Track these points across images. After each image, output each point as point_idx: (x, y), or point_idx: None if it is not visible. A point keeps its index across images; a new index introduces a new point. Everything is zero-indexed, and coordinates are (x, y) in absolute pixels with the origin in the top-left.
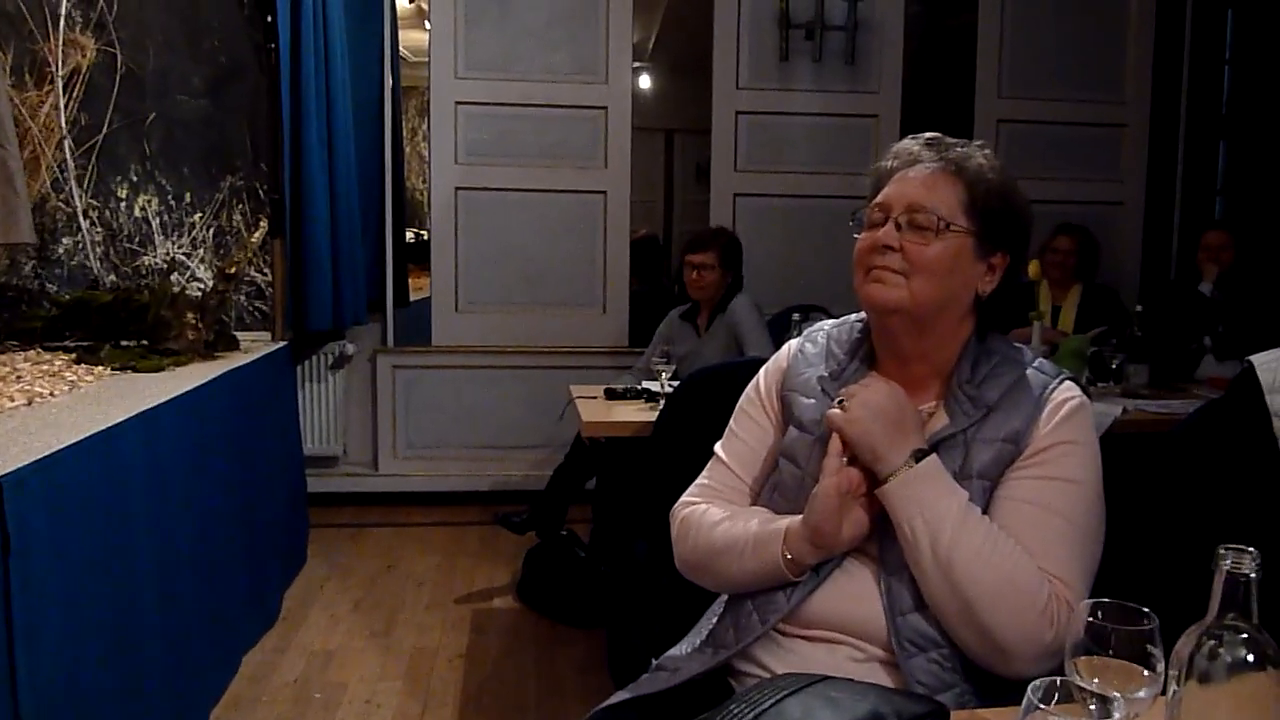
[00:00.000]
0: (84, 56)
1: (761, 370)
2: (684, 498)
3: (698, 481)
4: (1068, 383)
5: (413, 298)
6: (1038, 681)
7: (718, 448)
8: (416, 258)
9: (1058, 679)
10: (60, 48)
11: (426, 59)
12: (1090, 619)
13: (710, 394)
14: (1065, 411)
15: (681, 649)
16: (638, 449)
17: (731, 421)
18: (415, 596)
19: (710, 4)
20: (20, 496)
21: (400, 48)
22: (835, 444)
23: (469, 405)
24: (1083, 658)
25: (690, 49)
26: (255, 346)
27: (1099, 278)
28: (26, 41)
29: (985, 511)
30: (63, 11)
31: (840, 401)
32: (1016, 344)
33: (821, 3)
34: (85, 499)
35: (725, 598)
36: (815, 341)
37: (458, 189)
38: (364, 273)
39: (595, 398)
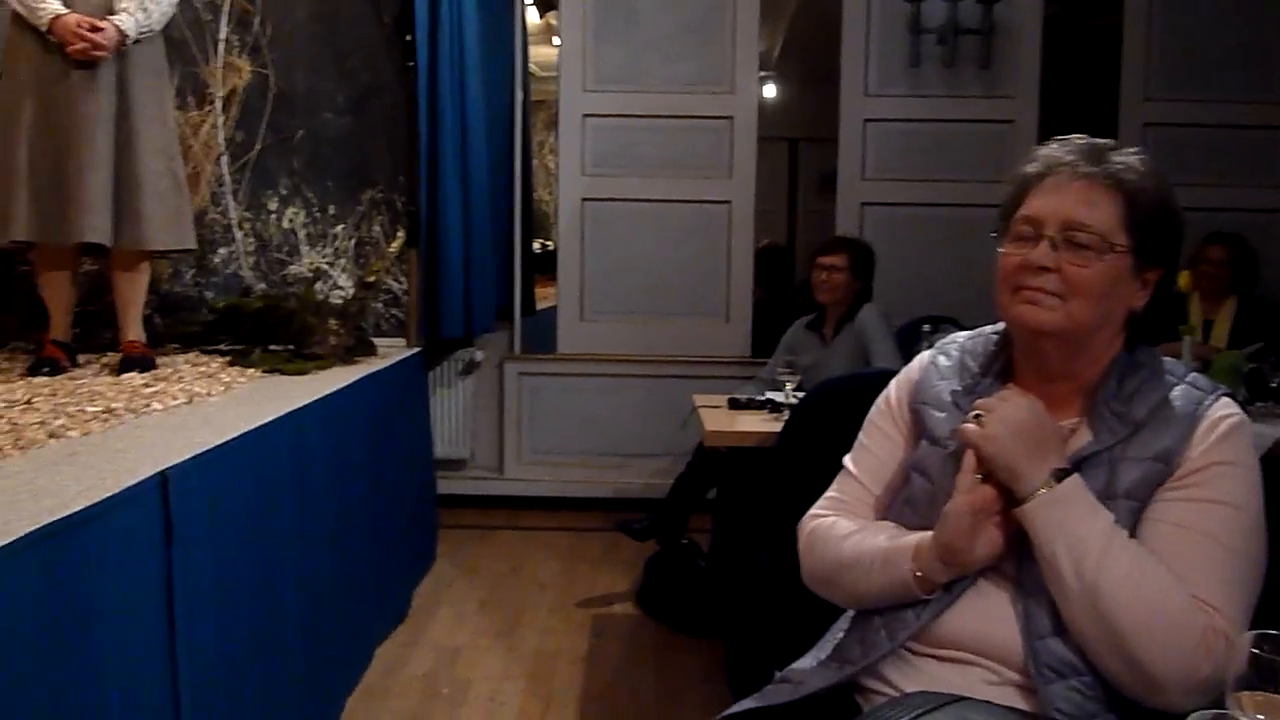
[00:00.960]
0: (240, 78)
1: (892, 382)
2: (812, 510)
3: (826, 494)
4: (1225, 399)
5: (539, 307)
6: (1198, 716)
7: (847, 460)
8: (542, 268)
9: (1217, 712)
10: (220, 71)
11: (554, 73)
12: (1255, 651)
13: (837, 406)
14: (1223, 430)
15: (806, 662)
16: (760, 459)
17: (861, 434)
18: (538, 599)
19: (838, 11)
20: (183, 488)
21: (529, 63)
22: (970, 460)
23: (592, 413)
24: (1245, 692)
25: (816, 57)
26: (391, 352)
27: (1257, 290)
28: (190, 65)
29: (1133, 535)
30: (222, 37)
31: (976, 416)
32: (1168, 358)
33: (955, 6)
34: (237, 492)
35: (852, 613)
36: (948, 354)
37: (584, 200)
38: (493, 282)
39: (718, 407)
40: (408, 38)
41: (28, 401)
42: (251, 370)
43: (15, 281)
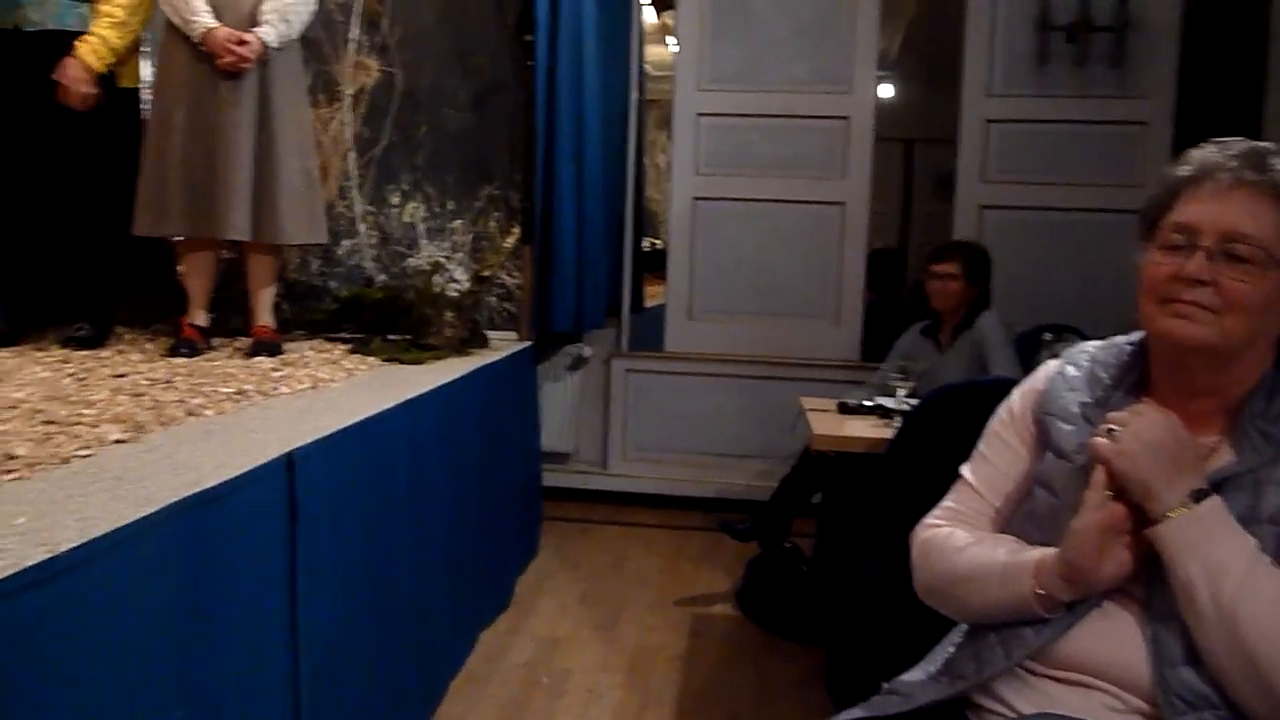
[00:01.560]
0: (369, 77)
1: (1015, 391)
2: (926, 520)
3: (941, 504)
4: None
5: (647, 305)
6: None
7: (964, 470)
8: (650, 266)
9: None
10: (349, 70)
11: (667, 72)
12: None
13: (953, 414)
14: None
15: (915, 675)
16: (869, 465)
17: (980, 444)
18: (638, 595)
19: (961, 9)
20: (308, 469)
21: (645, 62)
22: (1100, 476)
23: (697, 412)
24: None
25: (936, 56)
26: (503, 345)
27: None
28: (323, 64)
29: (1277, 562)
30: (353, 37)
31: (1109, 430)
32: None
33: (1087, 2)
34: (356, 475)
35: (965, 626)
36: (1078, 364)
37: (696, 199)
38: (604, 279)
39: (827, 411)
40: (528, 38)
41: (168, 381)
42: (371, 358)
43: (161, 268)
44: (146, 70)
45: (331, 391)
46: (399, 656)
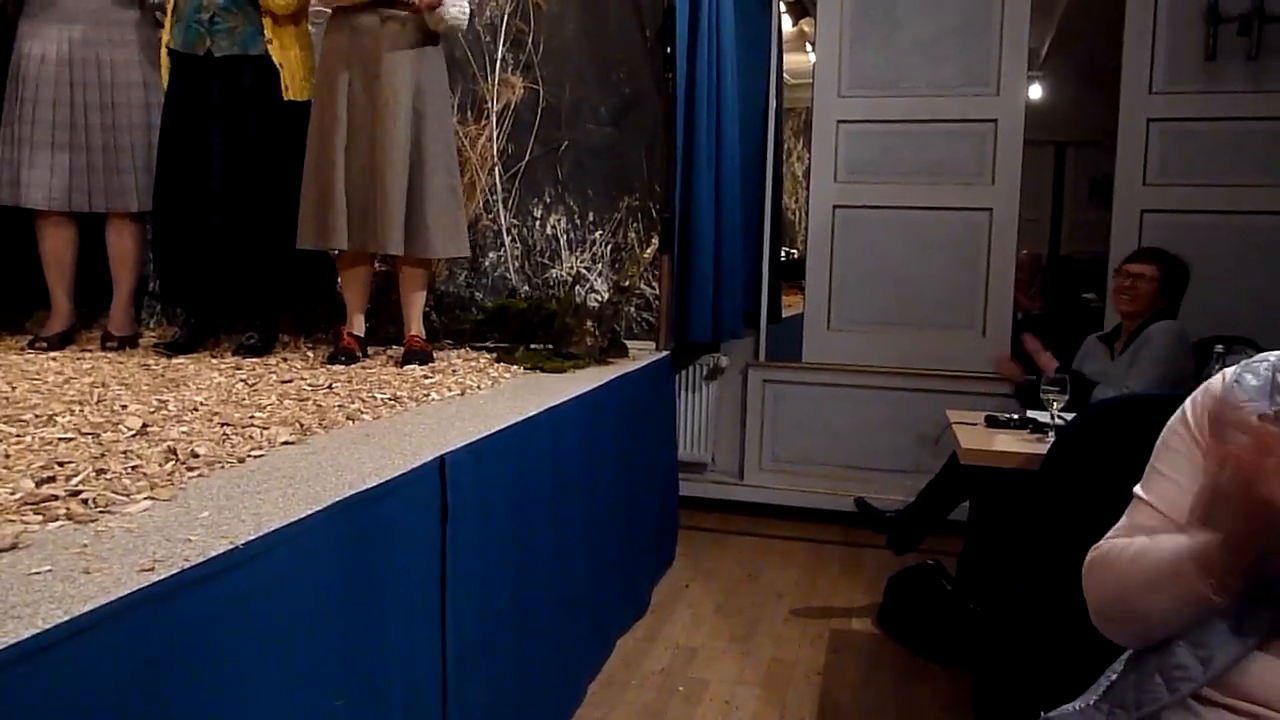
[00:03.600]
0: (513, 93)
1: (1188, 401)
2: (1099, 543)
3: (1117, 526)
4: None
5: (784, 314)
6: None
7: (1138, 490)
8: (788, 275)
9: None
10: (495, 87)
11: (805, 80)
12: None
13: (1115, 429)
14: None
15: (1074, 705)
16: (1021, 482)
17: (1154, 460)
18: (775, 607)
19: (1119, 3)
20: (457, 472)
21: (783, 70)
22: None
23: (836, 423)
24: None
25: (1090, 54)
26: (642, 355)
27: None
28: (470, 82)
29: None
30: (498, 56)
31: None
32: None
33: None
34: (502, 480)
35: (1127, 654)
36: (1257, 373)
37: (835, 207)
38: (742, 289)
39: (975, 424)
40: (668, 50)
41: (329, 387)
42: (515, 367)
43: (324, 280)
44: None
45: (479, 398)
46: (540, 658)
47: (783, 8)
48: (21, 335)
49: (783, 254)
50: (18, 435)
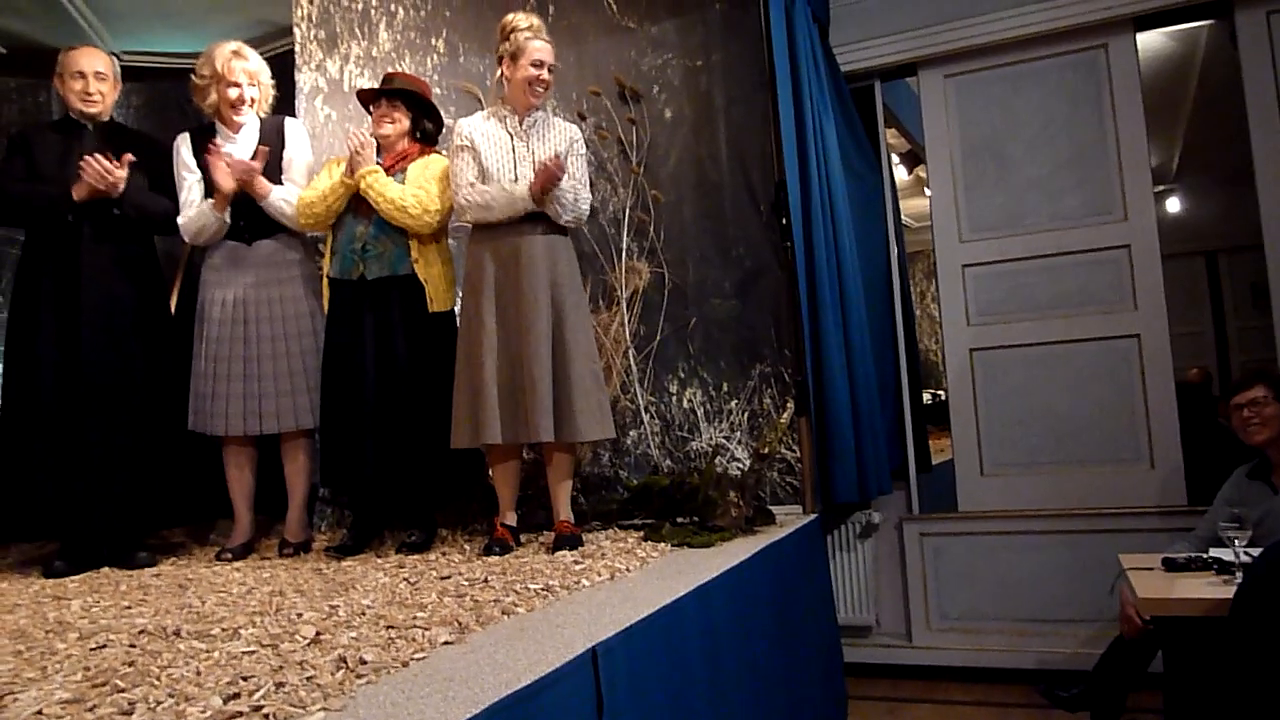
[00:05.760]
0: (640, 279)
1: None
2: None
3: None
4: None
5: (935, 461)
6: None
7: None
8: (935, 418)
9: None
10: (623, 275)
11: (928, 223)
12: None
13: None
14: None
15: None
16: (1215, 629)
17: None
18: None
19: (1240, 102)
20: (610, 663)
21: (902, 215)
22: None
23: (1004, 574)
24: None
25: (1224, 157)
26: (789, 520)
27: None
28: (599, 273)
29: None
30: (623, 245)
31: None
32: None
33: None
34: (655, 663)
35: None
36: None
37: (972, 350)
38: (885, 442)
39: (1151, 569)
40: (783, 221)
41: (485, 580)
42: (663, 544)
43: (476, 473)
44: None
45: (628, 581)
46: None
47: (895, 159)
48: (208, 546)
49: (929, 396)
50: (207, 651)
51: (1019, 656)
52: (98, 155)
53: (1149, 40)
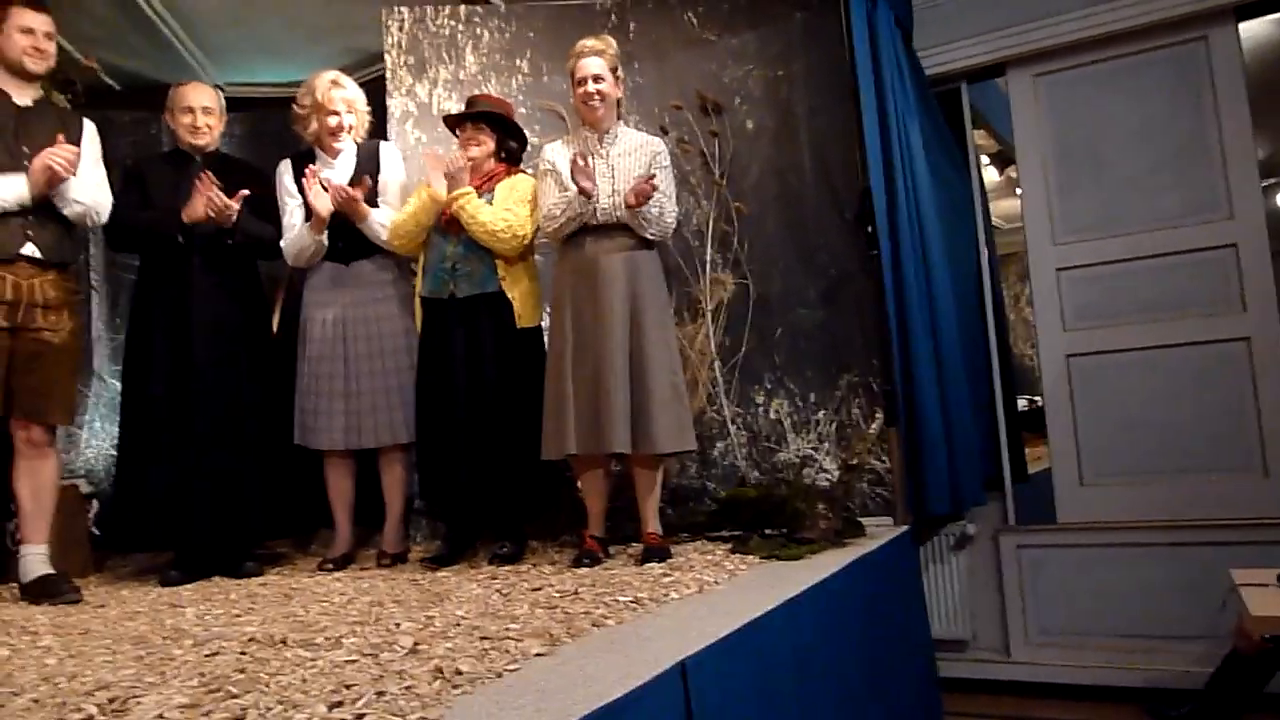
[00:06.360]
0: (725, 290)
1: None
2: None
3: None
4: None
5: (1031, 469)
6: None
7: None
8: (1031, 426)
9: None
10: (708, 287)
11: (1020, 224)
12: None
13: None
14: None
15: None
16: None
17: None
18: None
19: None
20: (700, 677)
21: (993, 217)
22: None
23: (1106, 588)
24: None
25: None
26: (880, 532)
27: None
28: (684, 286)
29: None
30: (708, 258)
31: None
32: None
33: None
34: (744, 678)
35: None
36: None
37: (1069, 356)
38: (978, 452)
39: (1265, 585)
40: (869, 229)
41: (575, 592)
42: (751, 556)
43: (566, 486)
44: None
45: (716, 594)
46: None
47: (985, 160)
48: (310, 556)
49: (1026, 403)
50: (311, 659)
51: (1123, 674)
52: (210, 174)
53: (1251, 28)
